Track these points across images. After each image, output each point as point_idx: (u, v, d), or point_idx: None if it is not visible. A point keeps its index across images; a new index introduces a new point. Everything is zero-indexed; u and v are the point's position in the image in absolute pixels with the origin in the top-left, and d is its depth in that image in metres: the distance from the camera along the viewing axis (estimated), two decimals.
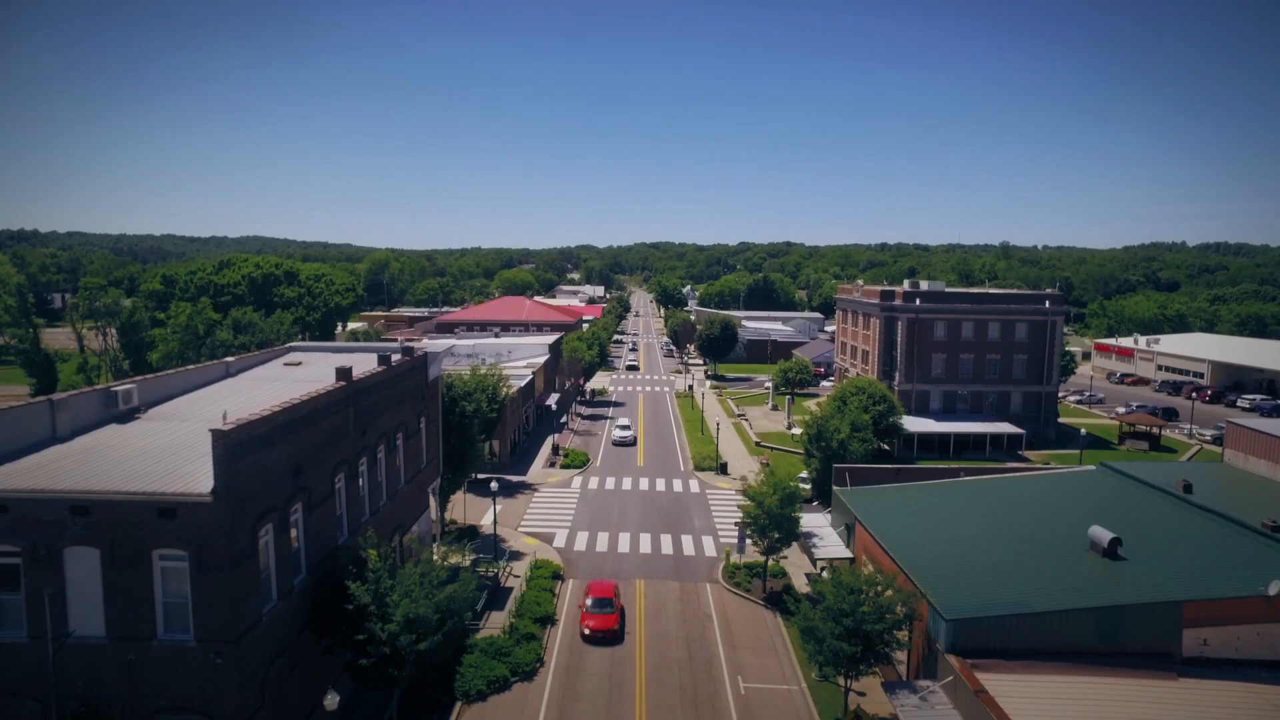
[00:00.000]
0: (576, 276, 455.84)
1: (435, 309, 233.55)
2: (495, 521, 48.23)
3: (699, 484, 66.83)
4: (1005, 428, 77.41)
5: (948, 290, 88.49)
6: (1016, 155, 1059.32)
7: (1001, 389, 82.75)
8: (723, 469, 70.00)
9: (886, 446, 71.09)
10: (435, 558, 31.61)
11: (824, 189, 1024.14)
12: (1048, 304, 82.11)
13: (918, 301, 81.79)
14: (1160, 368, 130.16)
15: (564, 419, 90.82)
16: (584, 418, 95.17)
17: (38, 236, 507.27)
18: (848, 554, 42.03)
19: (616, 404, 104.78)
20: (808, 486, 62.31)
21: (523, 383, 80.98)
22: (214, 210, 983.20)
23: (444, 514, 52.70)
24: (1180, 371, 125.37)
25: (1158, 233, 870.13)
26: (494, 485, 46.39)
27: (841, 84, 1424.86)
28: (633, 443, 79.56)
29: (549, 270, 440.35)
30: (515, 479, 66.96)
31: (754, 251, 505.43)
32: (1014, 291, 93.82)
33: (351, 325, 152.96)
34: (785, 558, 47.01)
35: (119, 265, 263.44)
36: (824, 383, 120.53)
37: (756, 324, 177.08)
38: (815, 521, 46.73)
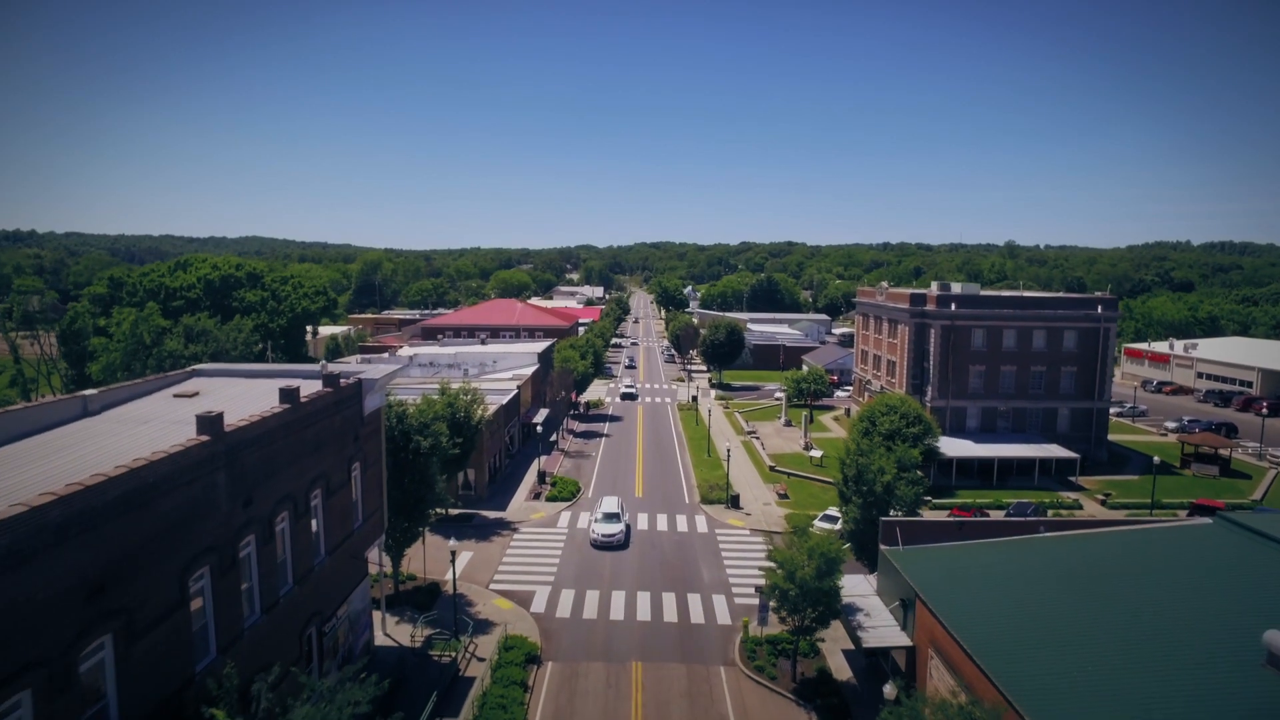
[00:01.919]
0: (575, 277, 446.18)
1: (428, 311, 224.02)
2: (454, 587, 38.61)
3: (707, 521, 57.33)
4: (1055, 450, 67.86)
5: (985, 294, 78.95)
6: (1017, 155, 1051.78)
7: (1047, 405, 73.22)
8: (734, 501, 60.49)
9: (920, 473, 61.64)
10: (376, 634, 22.72)
11: (824, 189, 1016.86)
12: (1100, 309, 72.56)
13: (953, 306, 72.25)
14: (1201, 375, 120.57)
15: (553, 437, 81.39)
16: (576, 435, 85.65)
17: (35, 237, 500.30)
18: (905, 641, 32.53)
19: (613, 418, 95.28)
20: (836, 526, 52.91)
21: (506, 399, 71.51)
22: (213, 211, 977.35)
23: (398, 571, 43.30)
24: (1225, 380, 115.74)
25: (1160, 232, 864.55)
26: (452, 543, 36.88)
27: (841, 83, 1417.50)
28: (621, 544, 51.05)
29: (547, 271, 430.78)
30: (492, 515, 57.45)
31: (755, 251, 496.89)
32: (1060, 295, 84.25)
33: (331, 330, 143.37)
34: (823, 641, 37.55)
35: (103, 266, 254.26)
36: (838, 392, 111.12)
37: (762, 327, 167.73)
38: (857, 587, 37.27)
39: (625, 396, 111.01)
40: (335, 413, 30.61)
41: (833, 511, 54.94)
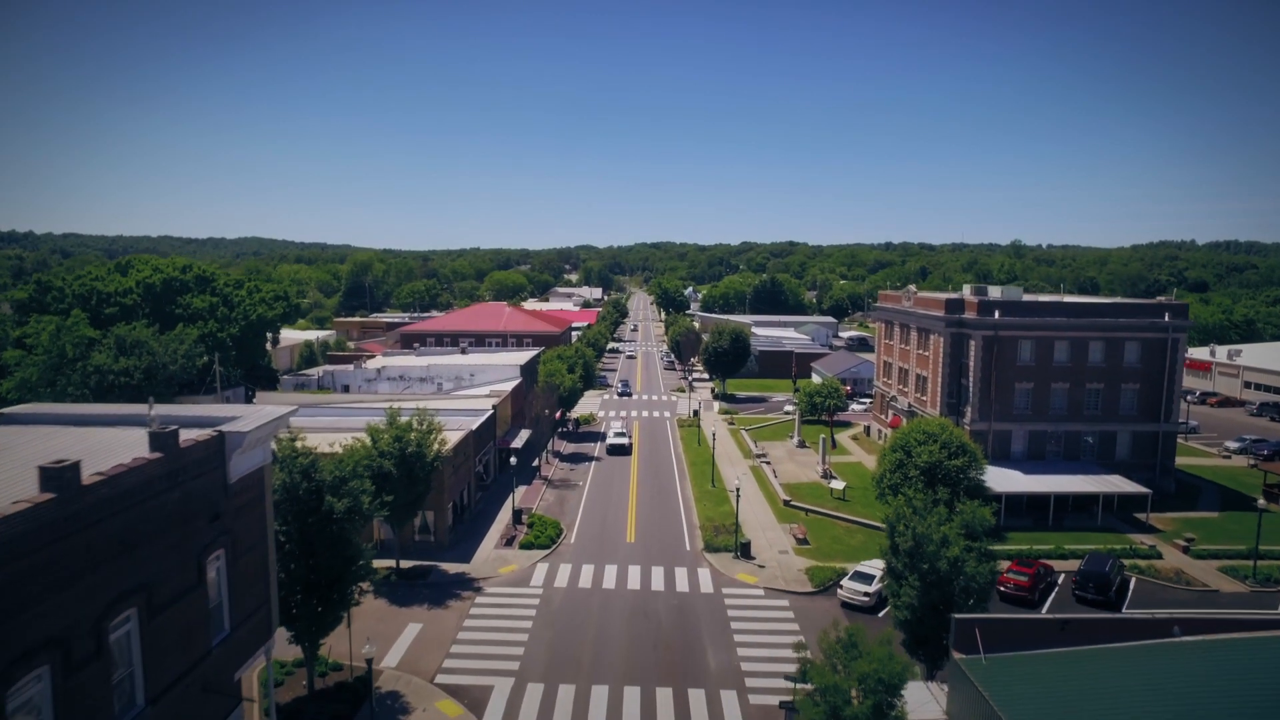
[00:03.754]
0: (574, 278, 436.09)
1: (418, 314, 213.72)
2: (371, 697, 28.68)
3: (711, 576, 47.38)
4: (1119, 483, 57.90)
5: (1030, 300, 69.04)
6: (1018, 154, 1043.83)
7: (1105, 428, 63.31)
8: (744, 550, 50.53)
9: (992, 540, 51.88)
10: None
11: (825, 188, 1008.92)
12: (1167, 316, 62.66)
13: (996, 314, 62.31)
14: (1249, 385, 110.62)
15: (535, 462, 71.53)
16: (563, 458, 75.71)
17: (32, 238, 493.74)
18: None
19: (606, 436, 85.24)
20: (871, 587, 43.07)
21: (479, 422, 61.60)
22: (212, 211, 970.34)
23: (315, 661, 33.42)
24: (1278, 390, 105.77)
25: (1163, 231, 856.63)
26: (368, 649, 26.91)
27: (842, 83, 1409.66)
28: None
29: (545, 271, 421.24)
30: (453, 570, 47.51)
31: (756, 251, 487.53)
32: (1120, 301, 74.18)
33: (306, 335, 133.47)
34: None
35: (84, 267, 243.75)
36: (853, 405, 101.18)
37: (767, 331, 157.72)
38: (922, 707, 27.38)
39: (614, 450, 78.69)
40: (170, 488, 20.72)
41: (865, 568, 45.12)
